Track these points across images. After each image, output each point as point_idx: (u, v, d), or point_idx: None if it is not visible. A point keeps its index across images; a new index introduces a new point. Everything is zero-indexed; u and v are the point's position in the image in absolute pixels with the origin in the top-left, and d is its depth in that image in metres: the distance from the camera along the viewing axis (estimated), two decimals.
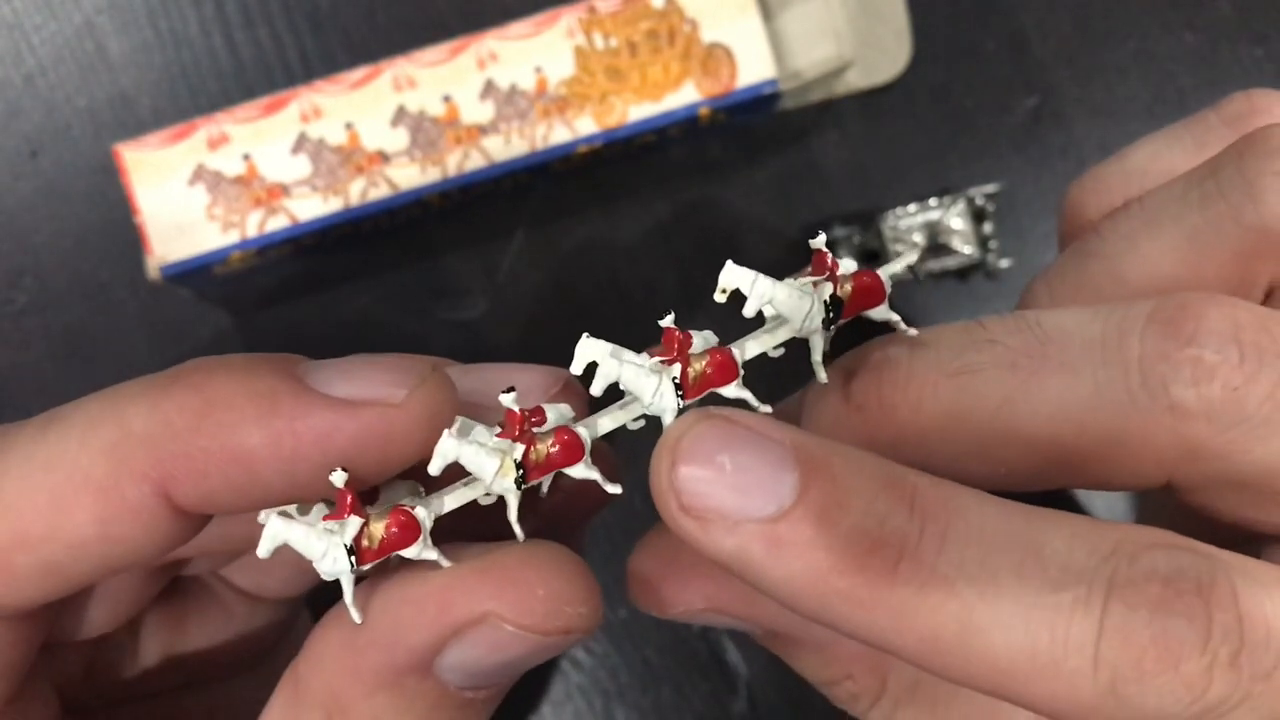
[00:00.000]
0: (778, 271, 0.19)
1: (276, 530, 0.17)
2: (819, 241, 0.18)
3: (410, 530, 0.17)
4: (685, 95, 0.31)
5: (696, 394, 0.18)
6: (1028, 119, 0.34)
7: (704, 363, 0.18)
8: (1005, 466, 0.19)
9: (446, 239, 0.34)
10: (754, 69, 0.31)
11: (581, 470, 0.18)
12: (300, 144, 0.31)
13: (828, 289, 0.18)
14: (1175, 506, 0.19)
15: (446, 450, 0.17)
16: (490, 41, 0.31)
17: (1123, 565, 0.16)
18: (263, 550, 0.17)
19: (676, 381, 0.18)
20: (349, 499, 0.17)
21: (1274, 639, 0.16)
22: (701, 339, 0.18)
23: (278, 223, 0.31)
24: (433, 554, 0.17)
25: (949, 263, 0.33)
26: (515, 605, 0.17)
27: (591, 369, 0.18)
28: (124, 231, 0.32)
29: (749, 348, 0.19)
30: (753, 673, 0.33)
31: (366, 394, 0.17)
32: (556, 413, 0.18)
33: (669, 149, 0.34)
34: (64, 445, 0.17)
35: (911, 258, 0.19)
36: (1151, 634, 0.16)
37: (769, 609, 0.19)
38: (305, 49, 0.34)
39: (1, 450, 0.18)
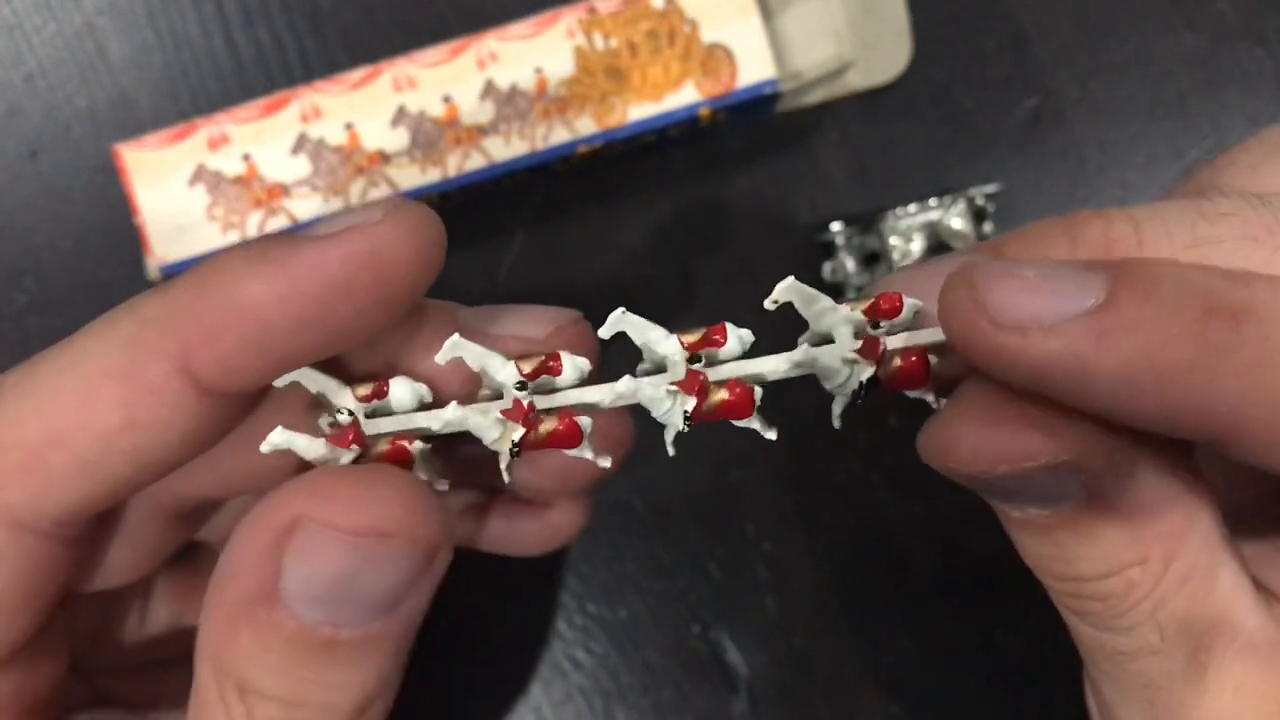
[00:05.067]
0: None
1: (453, 417, 0.18)
2: (878, 332, 0.18)
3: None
4: (685, 95, 0.31)
5: (704, 421, 0.18)
6: (1028, 119, 0.34)
7: (721, 395, 0.18)
8: None
9: (447, 239, 0.34)
10: (754, 69, 0.31)
11: (576, 452, 0.19)
12: (300, 144, 0.31)
13: (868, 371, 0.18)
14: None
15: (452, 417, 0.18)
16: (490, 42, 0.31)
17: None
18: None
19: (687, 412, 0.18)
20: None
21: None
22: (738, 339, 0.18)
23: (277, 223, 0.31)
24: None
25: None
26: (322, 505, 0.17)
27: (616, 337, 0.19)
28: (124, 232, 0.32)
29: (766, 373, 0.18)
30: (753, 673, 0.33)
31: (348, 224, 0.18)
32: (574, 365, 0.19)
33: (669, 149, 0.34)
34: (86, 345, 0.18)
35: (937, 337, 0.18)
36: None
37: (1102, 445, 0.17)
38: (305, 49, 0.34)
39: (33, 362, 0.19)
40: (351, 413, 0.19)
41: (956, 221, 0.33)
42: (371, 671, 0.18)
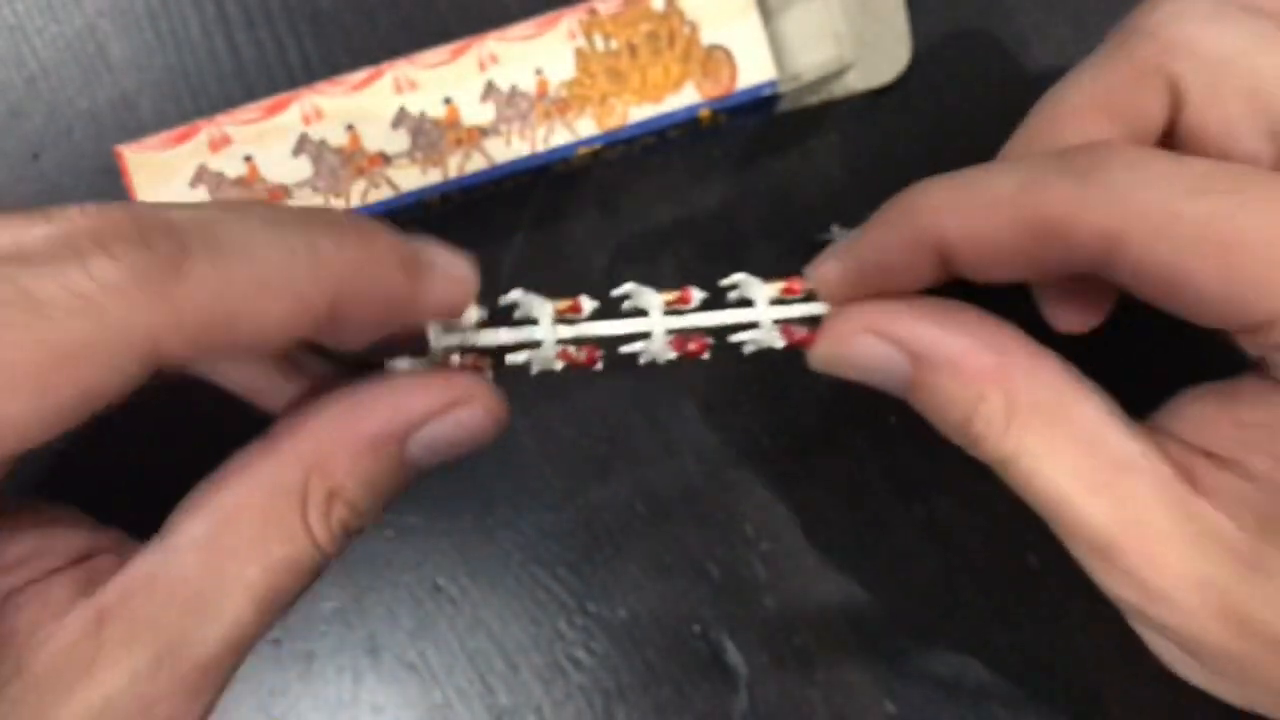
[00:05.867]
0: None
1: (542, 356, 0.26)
2: (789, 314, 0.26)
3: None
4: (685, 97, 0.31)
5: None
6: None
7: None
8: None
9: (448, 240, 0.34)
10: (754, 71, 0.31)
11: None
12: (302, 146, 0.31)
13: (781, 343, 0.26)
14: None
15: (541, 355, 0.26)
16: (491, 43, 0.31)
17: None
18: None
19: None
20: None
21: None
22: (699, 298, 0.26)
23: None
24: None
25: None
26: (488, 395, 0.24)
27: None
28: None
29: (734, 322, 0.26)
30: (752, 672, 0.33)
31: (460, 271, 0.24)
32: (590, 305, 0.26)
33: (669, 150, 0.34)
34: (282, 252, 0.20)
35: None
36: None
37: (927, 332, 0.24)
38: (306, 51, 0.34)
39: (240, 220, 0.21)
40: (479, 351, 0.25)
41: None
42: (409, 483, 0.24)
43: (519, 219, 0.34)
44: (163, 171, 0.31)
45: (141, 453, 0.30)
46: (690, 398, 0.34)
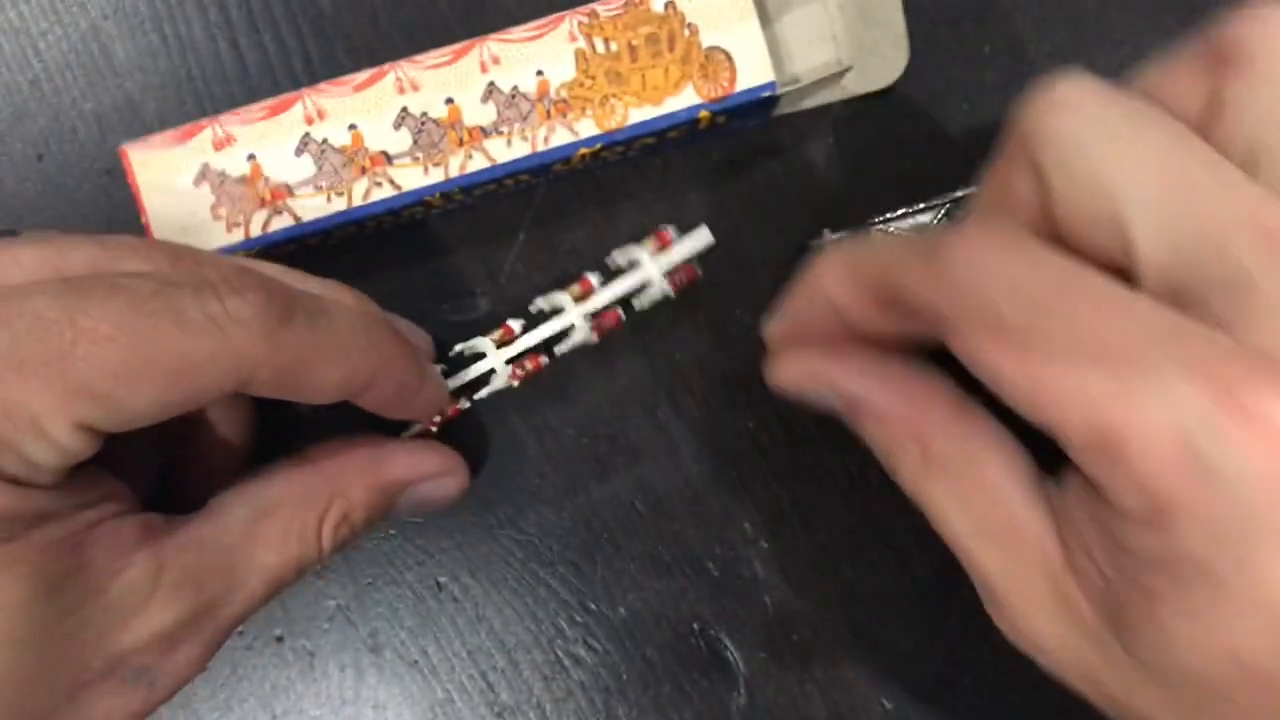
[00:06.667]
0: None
1: (499, 384, 0.32)
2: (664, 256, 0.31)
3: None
4: (685, 98, 0.32)
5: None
6: None
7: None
8: None
9: (449, 240, 0.34)
10: (752, 73, 0.32)
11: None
12: (304, 145, 0.31)
13: (669, 291, 0.31)
14: None
15: (498, 384, 0.32)
16: (492, 45, 0.31)
17: None
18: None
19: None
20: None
21: None
22: (598, 280, 0.32)
23: (282, 223, 0.31)
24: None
25: None
26: (464, 470, 0.31)
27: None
28: (130, 232, 0.33)
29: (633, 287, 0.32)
30: (751, 669, 0.33)
31: (442, 383, 0.31)
32: (519, 325, 0.32)
33: (668, 152, 0.34)
34: (354, 334, 0.26)
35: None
36: None
37: (850, 382, 0.26)
38: (309, 52, 0.34)
39: (333, 306, 0.26)
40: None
41: (948, 225, 0.33)
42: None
43: (519, 219, 0.34)
44: (166, 169, 0.31)
45: None
46: (690, 396, 0.34)
